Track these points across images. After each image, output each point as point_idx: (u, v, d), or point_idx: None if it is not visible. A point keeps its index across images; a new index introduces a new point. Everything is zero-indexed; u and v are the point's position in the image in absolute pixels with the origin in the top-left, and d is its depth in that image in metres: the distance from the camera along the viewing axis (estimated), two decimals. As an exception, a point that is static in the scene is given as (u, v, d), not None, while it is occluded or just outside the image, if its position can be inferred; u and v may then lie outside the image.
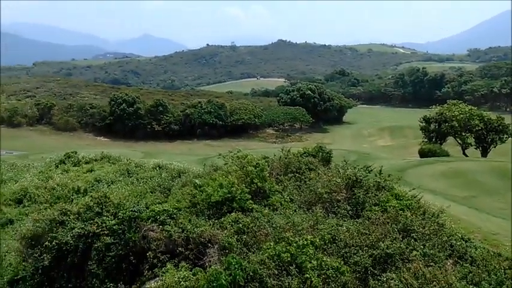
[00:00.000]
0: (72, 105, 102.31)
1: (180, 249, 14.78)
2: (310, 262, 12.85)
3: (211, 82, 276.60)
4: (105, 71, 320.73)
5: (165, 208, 16.75)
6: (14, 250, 18.36)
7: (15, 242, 18.55)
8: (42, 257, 16.17)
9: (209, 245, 14.52)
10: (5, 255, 19.72)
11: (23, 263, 16.99)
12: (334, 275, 12.64)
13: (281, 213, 16.03)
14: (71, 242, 16.00)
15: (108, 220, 16.17)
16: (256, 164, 18.11)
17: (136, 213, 16.30)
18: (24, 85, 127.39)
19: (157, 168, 28.63)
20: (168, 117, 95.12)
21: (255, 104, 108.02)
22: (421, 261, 12.99)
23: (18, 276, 16.80)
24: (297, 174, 19.29)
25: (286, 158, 20.64)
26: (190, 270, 13.62)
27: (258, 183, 17.41)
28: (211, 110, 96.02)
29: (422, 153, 49.38)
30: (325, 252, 13.66)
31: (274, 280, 12.62)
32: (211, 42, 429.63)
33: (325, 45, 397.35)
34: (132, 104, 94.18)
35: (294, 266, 12.88)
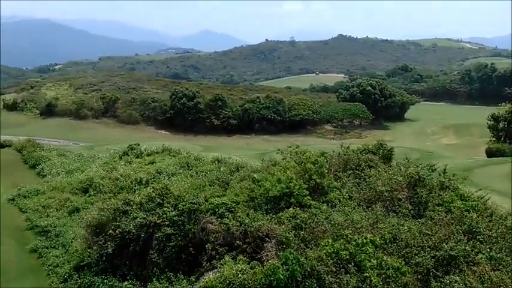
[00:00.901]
0: (135, 99, 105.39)
1: (237, 242, 14.94)
2: (370, 261, 12.63)
3: (270, 77, 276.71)
4: (166, 65, 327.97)
5: (224, 201, 16.97)
6: (80, 237, 19.18)
7: (81, 230, 19.39)
8: (106, 244, 16.79)
9: (266, 239, 14.58)
10: (71, 242, 20.67)
11: (88, 250, 17.71)
12: (395, 275, 12.36)
13: (339, 210, 15.85)
14: (134, 231, 16.52)
15: (169, 211, 16.57)
16: (315, 160, 17.98)
17: (195, 206, 16.61)
18: (90, 79, 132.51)
19: (216, 162, 29.05)
20: (226, 112, 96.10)
21: (314, 100, 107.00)
22: (487, 264, 12.46)
23: (84, 262, 17.53)
24: (357, 171, 18.99)
25: (345, 155, 20.36)
26: (248, 264, 13.74)
27: (317, 179, 17.28)
28: (270, 105, 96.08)
29: (490, 153, 47.42)
30: (385, 251, 13.39)
31: (332, 277, 12.50)
32: (271, 37, 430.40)
33: (387, 40, 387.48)
34: (192, 98, 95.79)
35: (352, 264, 12.71)
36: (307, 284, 12.46)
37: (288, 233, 14.37)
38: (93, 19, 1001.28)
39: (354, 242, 13.20)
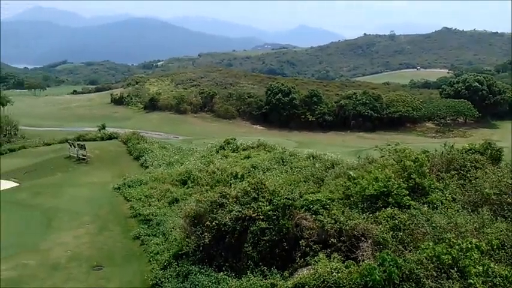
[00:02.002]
0: (232, 94, 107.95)
1: (332, 240, 14.71)
2: (475, 267, 11.82)
3: (367, 73, 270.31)
4: (262, 61, 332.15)
5: (319, 198, 16.80)
6: (179, 227, 19.93)
7: (180, 220, 20.12)
8: (203, 235, 17.30)
9: (362, 238, 14.21)
10: (171, 231, 21.56)
11: (187, 239, 18.35)
12: (503, 284, 11.47)
13: (441, 213, 15.02)
14: (229, 223, 16.86)
15: (264, 206, 16.70)
16: (415, 158, 17.21)
17: (290, 201, 16.59)
18: (190, 75, 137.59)
19: (310, 158, 28.88)
20: (322, 108, 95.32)
21: (414, 96, 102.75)
22: None
23: (182, 251, 18.21)
24: (461, 172, 17.87)
25: (448, 154, 19.27)
26: (343, 262, 13.47)
27: (417, 179, 16.54)
28: (367, 101, 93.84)
29: None
30: (492, 258, 12.46)
31: (432, 282, 11.88)
32: (369, 31, 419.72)
33: (497, 32, 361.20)
34: (288, 94, 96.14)
35: (455, 269, 11.98)
36: (405, 287, 11.95)
37: (386, 233, 13.90)
38: (192, 16, 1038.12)
39: (457, 247, 12.42)
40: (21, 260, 19.91)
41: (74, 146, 42.80)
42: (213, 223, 17.09)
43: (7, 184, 36.54)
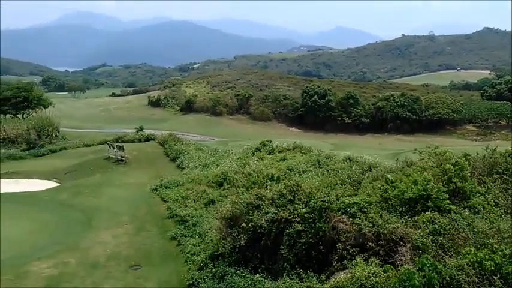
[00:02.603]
0: (267, 96, 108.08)
1: (370, 244, 14.51)
2: (519, 275, 11.43)
3: (405, 74, 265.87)
4: (298, 63, 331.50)
5: (356, 201, 16.60)
6: (215, 228, 20.02)
7: (216, 221, 20.22)
8: (239, 236, 17.34)
9: (401, 243, 13.95)
10: (207, 232, 21.71)
11: (223, 241, 18.41)
12: (548, 293, 11.05)
13: (483, 217, 14.60)
14: (265, 225, 16.83)
15: (300, 208, 16.60)
16: (456, 161, 16.78)
17: (326, 204, 16.44)
18: (226, 77, 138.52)
19: (347, 161, 28.56)
20: (358, 110, 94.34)
21: (454, 98, 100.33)
22: None
23: (218, 252, 18.29)
24: (504, 176, 17.30)
25: (491, 158, 18.67)
26: (381, 267, 13.26)
27: (457, 183, 16.13)
28: (405, 103, 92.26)
29: None
30: (537, 265, 12.01)
31: (474, 289, 11.55)
32: (407, 32, 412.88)
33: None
34: (324, 96, 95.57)
35: (498, 276, 11.62)
36: (445, 293, 11.67)
37: (425, 238, 13.59)
38: (227, 19, 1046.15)
39: (500, 253, 12.04)
40: (62, 258, 20.41)
41: (113, 148, 43.72)
42: (249, 225, 17.10)
43: (49, 184, 37.70)
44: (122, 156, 42.22)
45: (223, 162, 37.19)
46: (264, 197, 18.21)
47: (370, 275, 12.81)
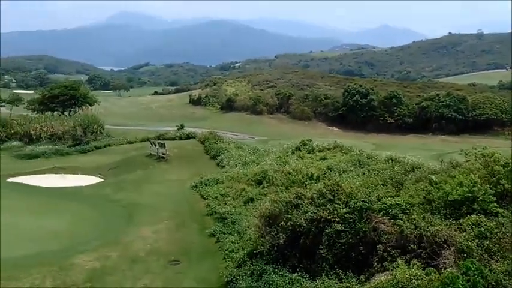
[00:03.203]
0: (308, 95, 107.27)
1: (412, 246, 14.15)
2: None
3: (451, 73, 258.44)
4: (340, 62, 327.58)
5: (398, 202, 16.23)
6: (254, 226, 20.04)
7: (255, 219, 20.23)
8: (278, 235, 17.27)
9: (444, 246, 13.55)
10: (246, 230, 21.76)
11: (261, 239, 18.39)
12: None
13: (533, 222, 13.97)
14: (304, 224, 16.69)
15: (340, 208, 16.38)
16: (505, 163, 16.16)
17: (367, 204, 16.17)
18: (267, 76, 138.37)
19: (389, 161, 28.03)
20: (402, 110, 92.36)
21: (503, 98, 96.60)
22: None
23: (257, 250, 18.27)
24: (557, 179, 16.54)
25: (542, 159, 17.88)
26: (423, 270, 12.89)
27: (506, 185, 15.52)
28: (450, 103, 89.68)
29: None
30: None
31: (522, 296, 11.06)
32: (454, 30, 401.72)
33: None
34: (366, 95, 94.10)
35: (548, 283, 11.09)
36: (491, 299, 11.23)
37: (470, 241, 13.16)
38: (269, 18, 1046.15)
39: (551, 259, 11.51)
40: (104, 252, 20.88)
41: (155, 145, 44.42)
42: (288, 224, 17.00)
43: (93, 180, 38.71)
44: (163, 154, 42.84)
45: (262, 160, 37.21)
46: (303, 196, 18.07)
47: (412, 277, 12.47)
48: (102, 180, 38.67)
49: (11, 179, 38.48)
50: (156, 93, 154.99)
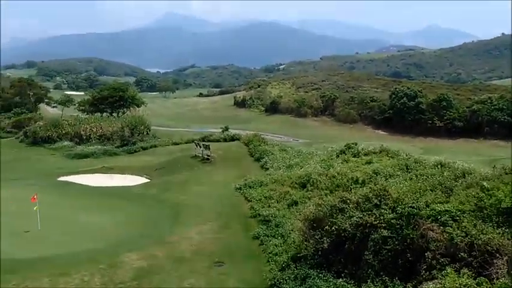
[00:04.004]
0: (353, 98, 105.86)
1: (462, 254, 13.71)
2: None
3: (505, 76, 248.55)
4: (387, 64, 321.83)
5: (447, 208, 15.76)
6: (298, 229, 19.93)
7: (299, 222, 20.11)
8: (322, 239, 17.10)
9: (497, 255, 13.07)
10: (289, 233, 21.68)
11: (305, 243, 18.28)
12: None
13: None
14: (349, 229, 16.46)
15: (386, 213, 16.08)
16: None
17: (415, 210, 15.78)
18: (311, 78, 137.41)
19: (438, 166, 27.23)
20: (451, 113, 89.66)
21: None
22: None
23: (301, 254, 18.18)
24: None
25: None
26: (474, 279, 12.45)
27: None
28: (503, 106, 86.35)
29: None
30: None
31: None
32: (508, 30, 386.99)
33: None
34: (414, 98, 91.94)
35: None
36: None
37: (525, 251, 12.60)
38: (314, 19, 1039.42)
39: None
40: (151, 251, 21.29)
41: (200, 146, 44.97)
42: (333, 228, 16.83)
43: (140, 180, 39.60)
44: (207, 155, 43.30)
45: (307, 163, 36.97)
46: (348, 201, 17.85)
47: (462, 286, 12.08)
48: (148, 180, 39.51)
49: (61, 178, 39.92)
50: (201, 95, 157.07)
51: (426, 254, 14.44)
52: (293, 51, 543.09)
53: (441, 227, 14.98)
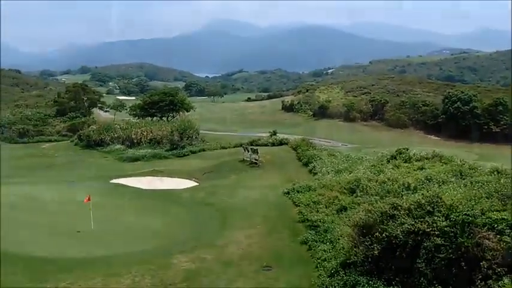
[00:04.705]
0: (404, 102, 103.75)
1: (520, 265, 13.12)
2: None
3: None
4: (439, 67, 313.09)
5: (504, 217, 15.20)
6: (347, 235, 19.63)
7: (348, 228, 19.82)
8: (372, 246, 16.77)
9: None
10: (338, 239, 21.39)
11: (354, 249, 17.98)
12: None
13: None
14: (401, 236, 16.09)
15: (440, 221, 15.62)
16: None
17: (470, 218, 15.28)
18: (360, 82, 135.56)
19: (494, 173, 26.17)
20: (508, 118, 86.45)
21: None
22: None
23: (350, 261, 17.89)
24: None
25: None
26: (534, 292, 11.90)
27: None
28: None
29: None
30: None
31: None
32: None
33: None
34: (468, 102, 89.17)
35: None
36: None
37: None
38: (363, 22, 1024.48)
39: None
40: (199, 253, 21.55)
41: (248, 151, 45.21)
42: (383, 234, 16.48)
43: (188, 183, 40.24)
44: (255, 159, 43.47)
45: (356, 168, 36.42)
46: (399, 207, 17.44)
47: (520, 299, 11.56)
48: (197, 184, 40.07)
49: (114, 180, 41.14)
50: (249, 99, 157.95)
51: (482, 263, 13.95)
52: (342, 55, 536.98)
53: (498, 236, 14.46)
